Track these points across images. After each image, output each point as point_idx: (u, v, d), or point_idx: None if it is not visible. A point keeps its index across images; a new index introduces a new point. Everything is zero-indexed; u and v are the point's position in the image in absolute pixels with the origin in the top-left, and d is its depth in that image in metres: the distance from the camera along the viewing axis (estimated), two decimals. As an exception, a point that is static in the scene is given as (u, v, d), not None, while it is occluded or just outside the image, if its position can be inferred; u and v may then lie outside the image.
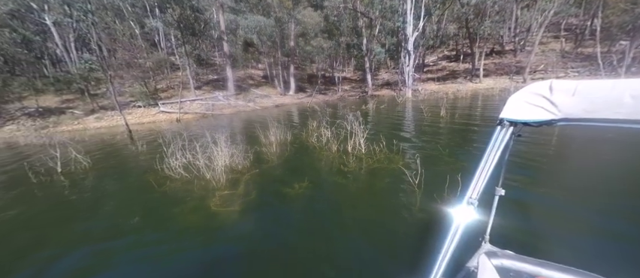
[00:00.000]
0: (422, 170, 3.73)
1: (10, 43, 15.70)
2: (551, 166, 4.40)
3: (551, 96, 1.01)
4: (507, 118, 1.13)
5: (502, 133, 1.16)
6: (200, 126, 12.15)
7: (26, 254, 3.04)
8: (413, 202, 3.44)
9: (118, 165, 6.71)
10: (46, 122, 15.32)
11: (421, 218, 3.10)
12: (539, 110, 1.04)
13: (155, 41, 25.75)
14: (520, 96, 1.11)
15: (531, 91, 1.08)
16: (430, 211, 3.18)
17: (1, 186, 5.61)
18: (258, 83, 27.67)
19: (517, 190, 3.47)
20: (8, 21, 15.37)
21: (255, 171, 5.05)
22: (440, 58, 33.85)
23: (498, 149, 1.16)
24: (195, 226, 3.38)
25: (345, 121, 6.11)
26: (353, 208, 3.57)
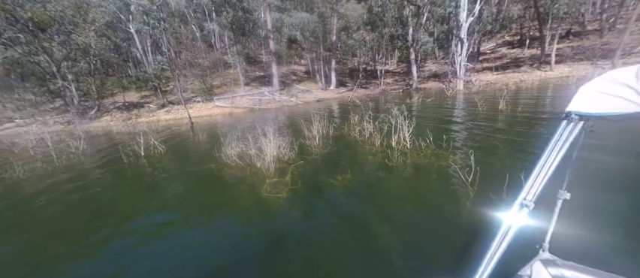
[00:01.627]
0: (477, 168, 3.47)
1: (105, 49, 19.40)
2: (629, 166, 3.63)
3: (639, 85, 0.86)
4: (576, 111, 1.01)
5: (569, 128, 1.05)
6: (249, 120, 13.20)
7: (118, 213, 3.83)
8: (464, 201, 3.24)
9: (185, 152, 7.78)
10: (130, 114, 18.47)
11: (473, 218, 2.91)
12: (621, 102, 0.90)
13: (212, 42, 28.56)
14: (594, 86, 0.98)
15: (610, 79, 0.94)
16: (484, 212, 2.96)
17: (103, 165, 7.05)
18: (301, 79, 28.50)
19: (587, 193, 2.98)
20: (104, 31, 18.93)
21: (299, 162, 5.33)
22: (500, 45, 29.90)
23: (563, 146, 1.05)
24: (248, 209, 3.78)
25: (389, 115, 5.97)
26: (396, 203, 3.53)
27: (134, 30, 19.74)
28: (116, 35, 20.66)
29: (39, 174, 6.47)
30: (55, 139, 9.55)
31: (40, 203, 4.70)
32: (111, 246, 3.17)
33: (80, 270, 2.80)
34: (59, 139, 10.34)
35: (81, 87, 19.59)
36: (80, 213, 4.27)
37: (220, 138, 7.95)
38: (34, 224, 3.98)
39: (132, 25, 19.58)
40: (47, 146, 8.37)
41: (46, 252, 3.17)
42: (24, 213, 4.43)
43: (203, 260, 2.75)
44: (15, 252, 3.28)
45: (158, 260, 2.86)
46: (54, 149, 8.04)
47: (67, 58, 17.08)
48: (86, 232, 3.58)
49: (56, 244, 3.34)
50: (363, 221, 3.20)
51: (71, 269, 2.82)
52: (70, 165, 7.12)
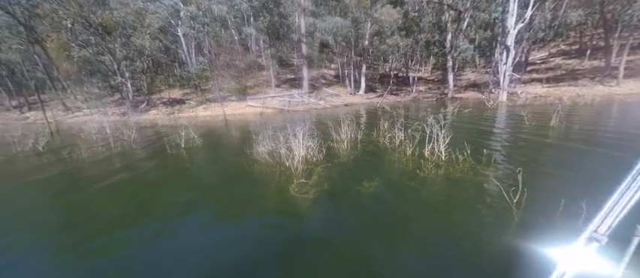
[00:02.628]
0: (524, 188, 3.14)
1: (157, 50, 21.66)
2: None
3: None
4: None
5: None
6: (278, 120, 13.62)
7: (156, 194, 4.17)
8: (507, 224, 2.95)
9: (219, 146, 8.27)
10: (173, 109, 20.22)
11: (517, 245, 2.62)
12: None
13: (248, 45, 30.17)
14: None
15: None
16: (532, 239, 2.65)
17: (150, 153, 7.78)
18: (330, 83, 28.71)
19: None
20: (157, 34, 21.14)
21: (327, 165, 5.34)
22: (553, 55, 27.04)
23: None
24: (275, 206, 3.87)
25: (423, 123, 5.71)
26: (426, 218, 3.33)
27: (181, 34, 21.69)
28: (166, 38, 22.93)
29: (98, 156, 7.37)
30: (112, 128, 10.81)
31: (96, 179, 5.33)
32: (148, 220, 3.47)
33: (123, 235, 3.11)
34: (116, 128, 11.69)
35: (135, 83, 22.01)
36: (126, 190, 4.76)
37: (251, 136, 8.29)
38: (89, 196, 4.52)
39: (180, 29, 21.53)
40: (106, 134, 9.50)
41: (96, 220, 3.57)
42: (82, 186, 5.06)
43: (226, 248, 2.88)
44: (74, 214, 3.75)
45: (185, 241, 3.04)
46: (111, 136, 9.10)
47: (126, 57, 19.38)
48: (130, 207, 3.97)
49: (105, 215, 3.75)
50: (389, 233, 3.07)
51: (116, 235, 3.14)
52: (123, 151, 8.00)
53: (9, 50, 20.89)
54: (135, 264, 2.72)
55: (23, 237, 3.39)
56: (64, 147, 8.67)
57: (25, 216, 4.02)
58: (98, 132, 10.69)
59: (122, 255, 2.88)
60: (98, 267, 2.69)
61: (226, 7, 23.55)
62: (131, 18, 19.60)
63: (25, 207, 4.41)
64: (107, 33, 18.95)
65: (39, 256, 2.95)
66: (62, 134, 12.51)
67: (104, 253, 2.92)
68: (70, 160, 7.11)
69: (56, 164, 6.90)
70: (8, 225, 3.77)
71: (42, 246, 3.18)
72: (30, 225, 3.70)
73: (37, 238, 3.36)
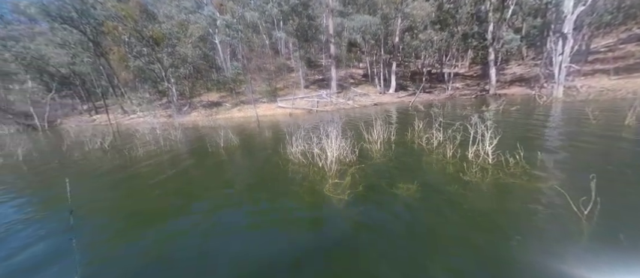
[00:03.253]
0: (597, 197, 2.71)
1: (197, 57, 23.55)
2: None
3: None
4: None
5: None
6: (307, 120, 13.80)
7: (197, 188, 4.46)
8: (574, 238, 2.58)
9: (254, 146, 8.65)
10: (211, 111, 21.74)
11: (587, 266, 2.28)
12: None
13: (278, 49, 31.17)
14: None
15: None
16: (609, 260, 2.28)
17: (194, 153, 8.44)
18: (358, 82, 28.29)
19: None
20: (197, 43, 22.98)
21: (360, 166, 5.25)
22: (623, 41, 23.21)
23: None
24: (310, 205, 3.90)
25: (466, 122, 5.31)
26: (471, 228, 3.06)
27: (218, 41, 23.22)
28: (205, 46, 24.78)
29: (150, 154, 8.22)
30: (161, 128, 11.98)
31: (148, 173, 5.94)
32: (191, 211, 3.74)
33: (167, 225, 3.39)
34: (164, 128, 12.93)
35: (179, 88, 24.16)
36: (173, 184, 5.21)
37: (283, 136, 8.52)
38: (141, 186, 5.04)
39: (217, 37, 23.08)
40: (156, 134, 10.56)
41: (146, 206, 3.96)
42: (138, 180, 5.68)
43: (260, 243, 2.96)
44: (129, 203, 4.22)
45: (223, 232, 3.21)
46: (161, 136, 10.08)
47: (172, 65, 21.39)
48: (176, 199, 4.33)
49: (153, 204, 4.14)
50: (426, 239, 2.89)
51: (162, 223, 3.44)
52: (170, 149, 8.81)
53: (81, 63, 24.43)
54: (179, 248, 2.95)
55: (93, 220, 3.90)
56: (124, 146, 9.85)
57: (94, 203, 4.63)
58: (149, 132, 11.93)
59: (170, 238, 3.15)
60: (146, 245, 2.98)
61: (257, 14, 24.60)
62: (175, 29, 21.59)
63: (94, 196, 5.09)
64: (156, 44, 21.13)
65: (106, 233, 3.37)
66: (122, 134, 14.22)
67: (156, 234, 3.22)
68: (129, 157, 8.04)
69: (118, 160, 7.86)
70: (84, 208, 4.38)
71: (109, 226, 3.63)
72: (97, 210, 4.25)
73: (103, 220, 3.85)
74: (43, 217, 4.27)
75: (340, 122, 6.30)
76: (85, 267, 2.73)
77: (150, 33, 20.29)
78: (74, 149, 10.32)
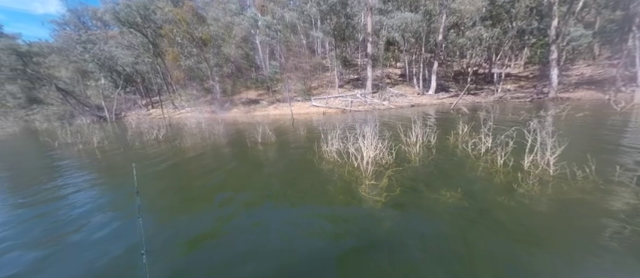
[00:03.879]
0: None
1: (239, 57, 25.11)
2: None
3: None
4: None
5: None
6: (341, 120, 13.75)
7: (239, 182, 4.72)
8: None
9: (290, 143, 8.89)
10: (249, 109, 22.98)
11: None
12: None
13: (314, 48, 31.61)
14: None
15: None
16: None
17: (234, 147, 9.03)
18: (395, 82, 27.28)
19: None
20: (240, 44, 24.49)
21: (397, 168, 5.06)
22: None
23: None
24: (343, 203, 3.88)
25: (523, 127, 4.77)
26: (525, 244, 2.73)
27: (258, 41, 24.41)
28: (246, 46, 26.28)
29: (197, 146, 9.00)
30: (206, 123, 13.04)
31: (195, 163, 6.51)
32: (233, 200, 3.98)
33: (212, 208, 3.66)
34: (208, 123, 14.06)
35: (221, 86, 26.02)
36: (215, 173, 5.62)
37: (318, 134, 8.61)
38: (190, 174, 5.54)
39: (258, 37, 24.26)
40: (202, 128, 11.52)
41: (194, 192, 4.33)
42: (186, 168, 6.25)
43: (295, 237, 3.02)
44: (180, 188, 4.65)
45: (260, 223, 3.35)
46: (206, 130, 10.97)
47: (216, 64, 23.13)
48: (218, 187, 4.65)
49: (200, 190, 4.51)
50: (473, 257, 2.65)
51: (209, 207, 3.72)
52: (214, 142, 9.54)
53: (142, 63, 27.80)
54: (225, 230, 3.16)
55: (152, 201, 4.41)
56: (175, 138, 10.97)
57: (152, 186, 5.23)
58: (196, 126, 13.08)
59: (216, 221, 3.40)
60: (197, 226, 3.26)
61: (296, 14, 25.23)
62: (221, 31, 23.26)
63: (152, 181, 5.75)
64: (204, 45, 23.06)
65: (163, 213, 3.78)
66: (173, 127, 15.84)
67: (205, 217, 3.51)
68: (179, 148, 8.93)
69: (171, 150, 8.78)
70: (144, 190, 4.97)
71: (165, 207, 4.07)
72: (154, 192, 4.80)
73: (160, 202, 4.33)
74: (113, 197, 4.97)
75: (374, 123, 6.14)
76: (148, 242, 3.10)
77: (200, 35, 22.23)
78: (136, 139, 11.80)
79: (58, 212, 4.25)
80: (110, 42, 28.63)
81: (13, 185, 6.20)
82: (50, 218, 4.05)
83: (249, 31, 24.25)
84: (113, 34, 30.99)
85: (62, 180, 6.03)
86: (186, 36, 22.37)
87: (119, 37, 28.51)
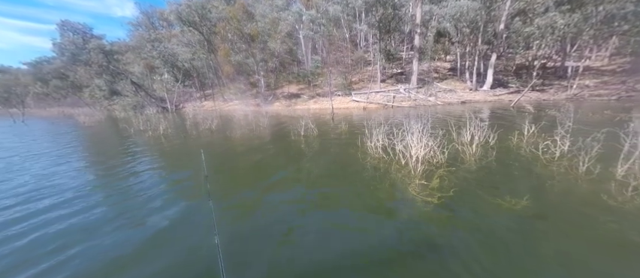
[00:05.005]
0: None
1: (283, 52, 26.06)
2: None
3: None
4: None
5: None
6: (383, 115, 13.30)
7: (278, 170, 4.89)
8: None
9: (332, 137, 8.94)
10: (290, 102, 23.77)
11: None
12: None
13: (357, 42, 31.00)
14: None
15: None
16: None
17: (278, 138, 9.46)
18: (443, 77, 25.24)
19: None
20: (284, 39, 25.35)
21: (450, 168, 4.71)
22: None
23: None
24: (390, 201, 3.76)
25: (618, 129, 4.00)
26: (621, 267, 2.28)
27: (302, 35, 24.90)
28: (290, 41, 27.06)
29: (245, 137, 9.68)
30: (251, 115, 13.91)
31: (243, 152, 7.00)
32: (283, 188, 4.17)
33: (246, 193, 3.88)
34: (254, 115, 14.99)
35: (265, 80, 27.37)
36: (263, 162, 5.95)
37: (360, 129, 8.49)
38: (235, 160, 5.97)
39: (302, 32, 24.75)
40: (248, 119, 12.33)
41: (241, 180, 4.65)
42: (232, 154, 6.76)
43: (340, 231, 3.02)
44: (229, 174, 5.06)
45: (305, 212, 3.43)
46: (252, 122, 11.71)
47: (262, 59, 24.36)
48: (258, 175, 4.91)
49: (246, 178, 4.82)
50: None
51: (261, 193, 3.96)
52: (260, 134, 10.14)
53: (198, 59, 30.79)
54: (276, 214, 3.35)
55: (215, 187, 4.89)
56: (225, 128, 11.97)
57: (209, 168, 5.80)
58: (243, 118, 14.05)
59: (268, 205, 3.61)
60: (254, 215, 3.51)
61: (340, 7, 24.96)
62: (268, 27, 24.37)
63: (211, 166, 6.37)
64: (252, 40, 24.48)
65: (222, 197, 4.17)
66: (223, 118, 17.29)
67: (258, 202, 3.77)
68: (229, 137, 9.72)
69: (222, 139, 9.61)
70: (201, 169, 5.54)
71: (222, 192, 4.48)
72: (214, 177, 5.30)
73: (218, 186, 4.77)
74: (179, 178, 5.65)
75: (429, 119, 5.77)
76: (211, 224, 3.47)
77: (248, 31, 23.66)
78: (193, 128, 13.20)
79: (136, 190, 5.01)
80: (173, 40, 32.28)
81: (104, 168, 7.51)
82: (129, 194, 4.80)
83: (294, 26, 24.87)
84: (175, 33, 34.82)
85: (140, 164, 7.09)
86: (237, 32, 23.99)
87: (179, 36, 31.94)
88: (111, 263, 2.74)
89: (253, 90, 26.78)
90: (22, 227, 3.59)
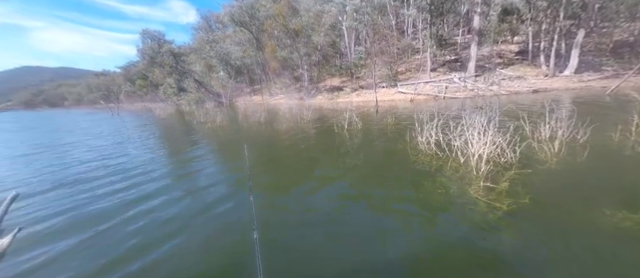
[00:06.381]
0: None
1: (326, 45, 25.98)
2: None
3: None
4: None
5: None
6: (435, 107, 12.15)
7: (321, 165, 4.78)
8: None
9: (375, 130, 8.55)
10: (332, 96, 23.67)
11: None
12: None
13: (404, 29, 28.91)
14: None
15: None
16: None
17: (322, 131, 9.47)
18: (509, 62, 21.78)
19: None
20: (327, 31, 25.19)
21: (524, 170, 3.97)
22: None
23: None
24: (445, 203, 3.33)
25: None
26: None
27: (345, 27, 24.33)
28: (333, 33, 26.75)
29: (289, 129, 9.96)
30: (295, 109, 14.27)
31: (290, 144, 7.16)
32: (311, 182, 4.09)
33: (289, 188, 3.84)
34: (297, 109, 15.37)
35: (309, 74, 27.77)
36: (308, 155, 5.99)
37: (407, 122, 7.88)
38: (280, 153, 6.11)
39: (345, 23, 24.18)
40: (293, 113, 12.68)
41: (286, 173, 4.70)
42: (277, 147, 6.96)
43: (374, 240, 2.76)
44: (275, 165, 5.19)
45: (339, 212, 3.25)
46: (296, 115, 12.00)
47: (306, 53, 24.70)
48: (301, 169, 4.89)
49: (291, 171, 4.87)
50: None
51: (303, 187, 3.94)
52: (303, 127, 10.32)
53: (248, 56, 32.96)
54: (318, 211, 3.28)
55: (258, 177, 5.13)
56: (271, 121, 12.55)
57: (257, 163, 6.10)
58: (288, 111, 14.53)
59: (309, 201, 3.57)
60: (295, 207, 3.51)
61: (386, -8, 23.53)
62: (312, 20, 24.50)
63: (257, 158, 6.72)
64: (296, 35, 25.00)
65: (267, 189, 4.32)
66: (270, 112, 18.22)
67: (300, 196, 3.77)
68: (275, 129, 10.15)
69: (269, 132, 10.09)
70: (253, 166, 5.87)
71: (268, 184, 4.65)
72: (259, 168, 5.55)
73: (263, 178, 4.97)
74: (229, 166, 6.09)
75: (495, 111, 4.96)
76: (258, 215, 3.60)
77: (293, 26, 24.19)
78: (244, 121, 14.22)
79: (194, 175, 5.56)
80: (227, 40, 35.16)
81: (171, 151, 8.62)
82: (188, 178, 5.35)
83: (337, 18, 24.46)
84: (229, 34, 37.81)
85: (198, 149, 7.92)
86: (282, 29, 24.76)
87: (232, 36, 34.59)
88: (163, 236, 3.01)
89: (297, 84, 27.48)
90: (114, 186, 4.32)
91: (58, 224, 3.65)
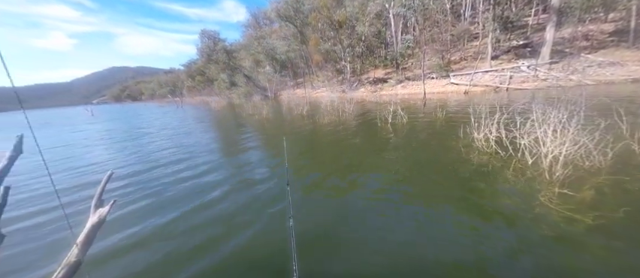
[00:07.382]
0: None
1: (371, 35, 25.07)
2: None
3: None
4: None
5: None
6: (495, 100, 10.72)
7: (369, 163, 4.62)
8: None
9: (424, 125, 7.98)
10: (376, 88, 22.85)
11: None
12: None
13: (460, 12, 25.95)
14: None
15: None
16: None
17: (364, 125, 9.27)
18: (599, 45, 17.77)
19: None
20: (372, 20, 24.19)
21: (618, 177, 3.24)
22: None
23: None
24: (505, 210, 2.91)
25: None
26: None
27: (392, 14, 22.99)
28: (378, 22, 25.56)
29: (331, 122, 10.00)
30: (337, 102, 14.22)
31: (332, 138, 7.18)
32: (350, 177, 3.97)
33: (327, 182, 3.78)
34: (339, 102, 15.28)
35: (351, 67, 27.27)
36: (349, 149, 5.91)
37: (459, 116, 7.15)
38: (321, 146, 6.14)
39: (392, 10, 22.84)
40: (335, 106, 12.66)
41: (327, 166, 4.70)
42: (324, 140, 7.02)
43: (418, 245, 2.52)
44: (318, 158, 5.24)
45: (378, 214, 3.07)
46: (338, 108, 11.97)
47: (349, 45, 24.24)
48: (349, 166, 4.80)
49: (332, 164, 4.84)
50: None
51: (334, 184, 3.89)
52: (345, 120, 10.25)
53: (292, 51, 33.95)
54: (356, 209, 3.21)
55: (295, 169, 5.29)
56: (314, 114, 12.77)
57: (296, 154, 6.30)
58: (330, 104, 14.55)
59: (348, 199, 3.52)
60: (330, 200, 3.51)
61: (440, -27, 21.33)
62: (356, 10, 23.84)
63: (297, 149, 6.94)
64: (340, 27, 24.68)
65: (304, 180, 4.42)
66: (312, 105, 18.54)
67: (337, 191, 3.76)
68: (317, 123, 10.30)
69: (311, 125, 10.30)
70: (291, 158, 6.09)
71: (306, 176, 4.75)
72: (297, 160, 5.72)
73: (302, 170, 5.09)
74: (272, 154, 6.42)
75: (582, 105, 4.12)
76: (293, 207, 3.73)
77: (337, 17, 23.92)
78: (288, 114, 14.80)
79: (245, 167, 6.02)
80: (273, 36, 36.76)
81: (227, 143, 9.50)
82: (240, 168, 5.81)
83: (383, 5, 23.24)
84: (275, 29, 39.43)
85: (248, 141, 8.54)
86: (326, 21, 24.70)
87: (278, 31, 35.99)
88: (209, 219, 3.34)
89: (339, 77, 27.28)
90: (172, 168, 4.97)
91: (141, 198, 4.39)
